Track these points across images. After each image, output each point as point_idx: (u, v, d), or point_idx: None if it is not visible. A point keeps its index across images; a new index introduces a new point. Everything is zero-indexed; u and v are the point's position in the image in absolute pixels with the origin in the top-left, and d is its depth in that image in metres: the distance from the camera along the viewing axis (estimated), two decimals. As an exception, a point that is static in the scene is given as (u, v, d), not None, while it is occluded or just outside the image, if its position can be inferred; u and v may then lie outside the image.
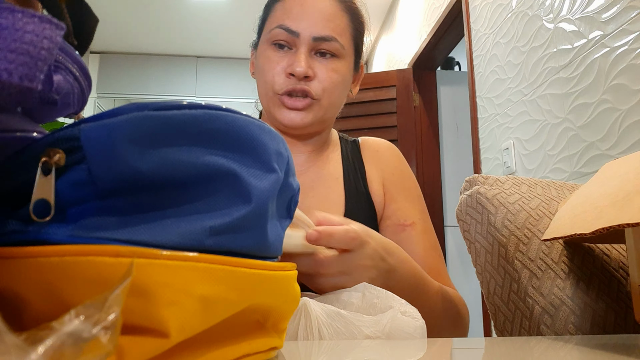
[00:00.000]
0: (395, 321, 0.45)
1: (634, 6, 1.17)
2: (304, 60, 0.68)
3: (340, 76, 0.71)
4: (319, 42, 0.69)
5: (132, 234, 0.20)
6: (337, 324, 0.43)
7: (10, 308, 0.19)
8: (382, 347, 0.39)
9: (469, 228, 0.71)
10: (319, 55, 0.70)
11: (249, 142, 0.24)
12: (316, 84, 0.69)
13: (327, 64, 0.70)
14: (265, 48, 0.71)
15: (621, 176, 0.52)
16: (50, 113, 0.22)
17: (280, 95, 0.69)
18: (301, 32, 0.68)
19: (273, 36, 0.70)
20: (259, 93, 0.74)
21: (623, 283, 0.61)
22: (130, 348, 0.19)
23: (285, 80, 0.69)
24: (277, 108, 0.70)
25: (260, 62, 0.72)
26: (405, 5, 3.32)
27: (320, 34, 0.69)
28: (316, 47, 0.69)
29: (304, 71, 0.67)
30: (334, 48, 0.70)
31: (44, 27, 0.18)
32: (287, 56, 0.70)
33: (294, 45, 0.70)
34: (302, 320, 0.42)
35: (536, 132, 1.61)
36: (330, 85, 0.70)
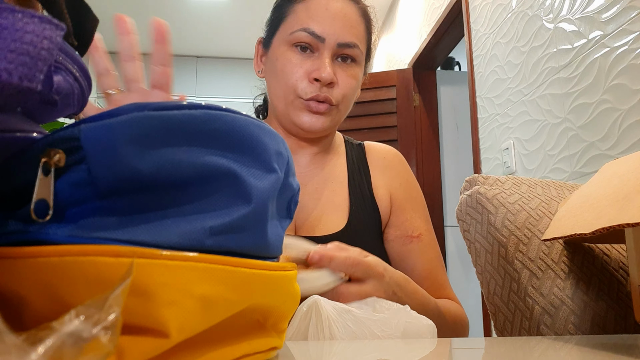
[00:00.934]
0: (405, 319, 0.45)
1: (634, 6, 1.17)
2: (330, 65, 0.68)
3: (356, 82, 0.72)
4: (342, 48, 0.69)
5: (132, 234, 0.20)
6: (348, 322, 0.43)
7: (10, 308, 0.19)
8: (382, 346, 0.39)
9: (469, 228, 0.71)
10: (340, 60, 0.70)
11: (249, 142, 0.24)
12: (337, 90, 0.69)
13: (347, 70, 0.70)
14: (286, 50, 0.70)
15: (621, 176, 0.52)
16: (50, 114, 0.22)
17: (306, 100, 0.69)
18: (327, 38, 0.68)
19: (296, 38, 0.69)
20: (274, 94, 0.73)
21: (623, 283, 0.61)
22: (130, 348, 0.19)
23: (308, 85, 0.68)
24: (299, 112, 0.70)
25: (280, 64, 0.71)
26: (405, 5, 3.32)
27: (345, 40, 0.69)
28: (339, 52, 0.69)
29: (330, 77, 0.67)
30: (355, 54, 0.70)
31: (44, 28, 0.18)
32: (309, 60, 0.69)
33: (317, 49, 0.69)
34: (313, 318, 0.42)
35: (536, 132, 1.61)
36: (350, 91, 0.71)
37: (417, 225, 0.73)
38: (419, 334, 0.45)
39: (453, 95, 2.92)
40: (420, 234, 0.73)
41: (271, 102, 0.76)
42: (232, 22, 3.97)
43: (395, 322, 0.44)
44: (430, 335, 0.45)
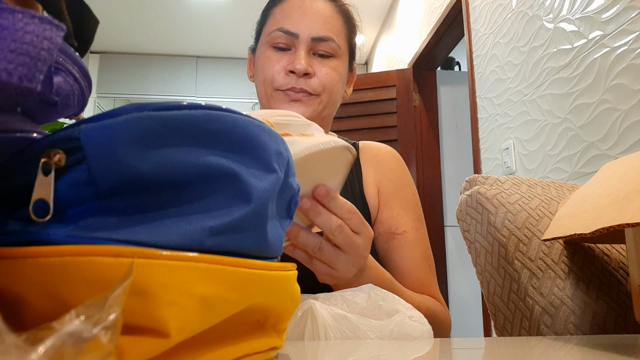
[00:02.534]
0: (402, 326, 0.44)
1: (634, 6, 1.17)
2: (304, 57, 0.70)
3: (338, 74, 0.74)
4: (317, 43, 0.72)
5: (132, 234, 0.20)
6: (344, 328, 0.43)
7: (11, 308, 0.19)
8: (382, 346, 0.39)
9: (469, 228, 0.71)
10: (318, 56, 0.73)
11: (249, 142, 0.24)
12: (315, 81, 0.71)
13: (324, 63, 0.73)
14: (265, 49, 0.74)
15: (621, 176, 0.52)
16: (50, 114, 0.22)
17: (283, 91, 0.71)
18: (300, 33, 0.71)
19: (272, 39, 0.73)
20: (258, 93, 0.76)
21: (623, 283, 0.61)
22: (131, 348, 0.19)
23: (285, 77, 0.71)
24: (279, 103, 0.72)
25: (260, 63, 0.74)
26: (405, 5, 3.32)
27: (318, 35, 0.71)
28: (314, 47, 0.72)
29: (304, 68, 0.69)
30: (331, 48, 0.73)
31: (44, 28, 0.18)
32: (286, 56, 0.72)
33: (293, 45, 0.72)
34: (309, 323, 0.42)
35: (536, 132, 1.61)
36: (330, 82, 0.72)
37: (403, 223, 0.73)
38: (416, 339, 0.45)
39: (453, 95, 2.92)
40: (405, 231, 0.72)
41: (260, 103, 0.79)
42: (232, 22, 3.97)
43: (391, 328, 0.44)
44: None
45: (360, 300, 0.49)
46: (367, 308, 0.48)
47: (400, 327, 0.44)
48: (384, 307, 0.48)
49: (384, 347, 0.39)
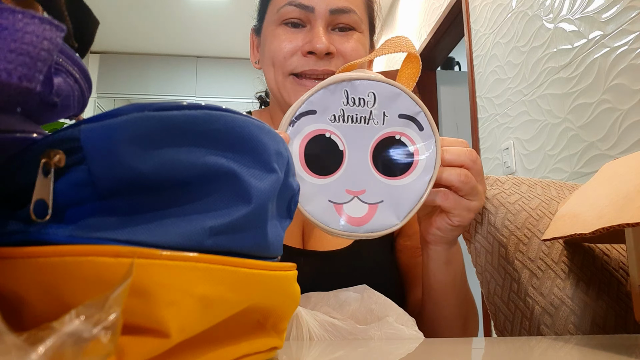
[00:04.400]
0: (388, 330, 0.44)
1: (634, 6, 1.17)
2: (324, 34, 0.59)
3: (364, 49, 0.64)
4: (336, 15, 0.61)
5: (132, 234, 0.20)
6: (330, 336, 0.43)
7: (10, 308, 0.19)
8: (382, 346, 0.39)
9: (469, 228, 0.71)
10: (338, 31, 0.62)
11: (249, 143, 0.24)
12: (339, 60, 0.61)
13: (348, 38, 0.62)
14: (274, 28, 0.62)
15: (621, 176, 0.52)
16: (50, 115, 0.22)
17: (298, 76, 0.61)
18: (316, 6, 0.60)
19: (283, 15, 0.61)
20: (268, 80, 0.65)
21: (623, 283, 0.61)
22: (131, 348, 0.19)
23: (301, 59, 0.60)
24: (293, 92, 0.61)
25: (268, 44, 0.63)
26: (405, 5, 3.32)
27: (337, 6, 0.61)
28: (334, 21, 0.61)
29: (326, 47, 0.59)
30: (352, 21, 0.62)
31: (44, 29, 0.18)
32: (301, 34, 0.61)
33: (309, 22, 0.61)
34: (293, 330, 0.42)
35: (536, 132, 1.61)
36: (356, 59, 0.60)
37: None
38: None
39: (453, 95, 2.91)
40: None
41: (270, 92, 0.68)
42: (232, 22, 3.97)
43: (378, 334, 0.44)
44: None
45: (352, 302, 0.49)
46: (358, 310, 0.48)
47: (386, 331, 0.44)
48: (376, 312, 0.48)
49: (386, 348, 0.39)
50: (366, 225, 0.46)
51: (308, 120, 0.47)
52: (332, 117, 0.47)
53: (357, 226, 0.46)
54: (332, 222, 0.46)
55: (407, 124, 0.48)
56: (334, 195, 0.46)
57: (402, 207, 0.46)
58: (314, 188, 0.46)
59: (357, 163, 0.47)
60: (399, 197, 0.46)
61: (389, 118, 0.47)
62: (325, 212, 0.46)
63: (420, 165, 0.47)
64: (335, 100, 0.47)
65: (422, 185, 0.47)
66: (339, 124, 0.47)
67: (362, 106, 0.47)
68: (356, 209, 0.46)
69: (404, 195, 0.46)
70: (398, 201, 0.46)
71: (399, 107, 0.48)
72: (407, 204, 0.46)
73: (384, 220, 0.46)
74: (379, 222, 0.46)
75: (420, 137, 0.48)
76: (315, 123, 0.47)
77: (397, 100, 0.48)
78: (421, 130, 0.48)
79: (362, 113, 0.47)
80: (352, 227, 0.46)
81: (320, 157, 0.47)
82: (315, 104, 0.47)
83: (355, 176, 0.47)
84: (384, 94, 0.47)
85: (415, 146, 0.47)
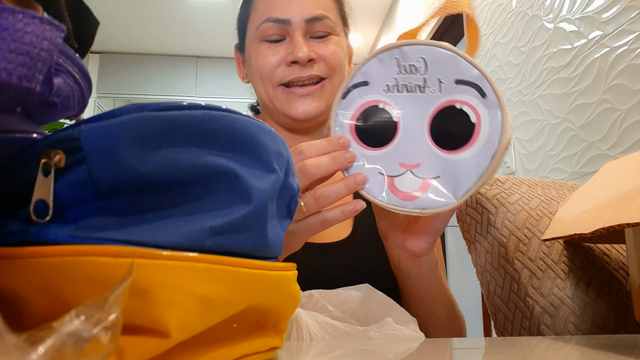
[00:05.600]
0: (388, 332, 0.44)
1: (634, 6, 1.17)
2: (304, 43, 0.63)
3: (342, 51, 0.67)
4: (312, 24, 0.65)
5: (132, 234, 0.20)
6: (330, 337, 0.43)
7: (10, 308, 0.19)
8: (383, 346, 0.39)
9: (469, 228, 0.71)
10: (316, 39, 0.66)
11: (249, 143, 0.24)
12: (321, 65, 0.65)
13: (326, 43, 0.66)
14: (256, 45, 0.67)
15: (621, 176, 0.52)
16: (50, 115, 0.22)
17: (287, 86, 0.65)
18: (292, 18, 0.64)
19: (262, 32, 0.65)
20: (258, 93, 0.70)
21: (623, 283, 0.61)
22: (131, 348, 0.19)
23: (286, 69, 0.64)
24: (285, 101, 0.65)
25: (253, 61, 0.68)
26: (405, 5, 3.32)
27: (311, 14, 0.64)
28: (311, 29, 0.65)
29: (307, 55, 0.62)
30: (328, 26, 0.66)
31: (44, 29, 0.18)
32: (282, 46, 0.65)
33: (287, 34, 0.65)
34: (294, 332, 0.42)
35: (536, 132, 1.61)
36: (337, 61, 0.66)
37: None
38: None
39: (453, 95, 2.91)
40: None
41: (261, 103, 0.72)
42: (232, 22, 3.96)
43: (378, 335, 0.43)
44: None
45: (354, 300, 0.49)
46: (360, 309, 0.48)
47: (386, 332, 0.44)
48: (377, 311, 0.48)
49: (386, 348, 0.39)
50: (416, 200, 0.42)
51: (361, 92, 0.45)
52: (386, 87, 0.45)
53: (406, 200, 0.42)
54: (378, 194, 0.43)
55: (467, 90, 0.43)
56: (386, 168, 0.44)
57: (460, 184, 0.42)
58: (365, 159, 0.44)
59: (413, 135, 0.44)
60: (458, 172, 0.42)
61: (445, 85, 0.44)
62: (374, 183, 0.43)
63: (483, 137, 0.42)
64: (387, 69, 0.45)
65: (485, 161, 0.41)
66: (393, 94, 0.44)
67: (414, 74, 0.44)
68: (408, 183, 0.43)
69: (463, 171, 0.42)
70: (456, 177, 0.42)
71: (455, 72, 0.44)
72: (466, 181, 0.42)
73: (438, 197, 0.42)
74: (432, 199, 0.42)
75: (483, 104, 0.42)
76: (368, 94, 0.45)
77: (452, 64, 0.44)
78: (484, 97, 0.43)
79: (415, 81, 0.44)
80: (399, 201, 0.42)
81: (373, 129, 0.44)
82: (367, 74, 0.45)
83: (410, 149, 0.43)
84: (435, 58, 0.44)
85: (478, 116, 0.42)
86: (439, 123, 0.43)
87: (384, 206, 0.43)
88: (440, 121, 0.43)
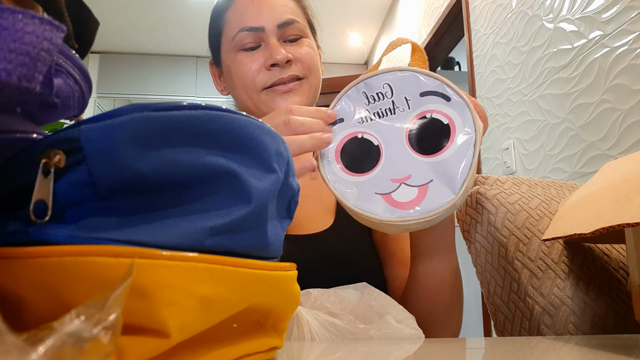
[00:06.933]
0: (388, 330, 0.44)
1: (634, 6, 1.17)
2: (279, 46, 0.67)
3: (315, 53, 0.72)
4: (284, 29, 0.69)
5: (132, 234, 0.20)
6: (331, 335, 0.43)
7: (10, 308, 0.19)
8: (383, 346, 0.39)
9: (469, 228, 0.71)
10: (289, 42, 0.70)
11: (249, 142, 0.24)
12: (298, 65, 0.69)
13: (300, 45, 0.70)
14: (234, 56, 0.70)
15: (621, 176, 0.52)
16: (50, 116, 0.22)
17: (269, 88, 0.68)
18: (265, 25, 0.68)
19: (238, 42, 0.69)
20: (241, 101, 0.72)
21: (623, 283, 0.61)
22: (131, 348, 0.19)
23: (267, 74, 0.67)
24: (270, 101, 0.68)
25: (233, 71, 0.70)
26: (405, 5, 3.32)
27: (282, 20, 0.69)
28: (284, 33, 0.69)
29: (285, 56, 0.66)
30: (299, 29, 0.70)
31: (44, 29, 0.18)
32: (260, 53, 0.69)
33: (262, 41, 0.69)
34: (295, 330, 0.42)
35: (536, 132, 1.61)
36: (311, 61, 0.70)
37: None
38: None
39: (453, 95, 2.90)
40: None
41: (245, 112, 0.75)
42: (232, 22, 3.96)
43: (378, 334, 0.44)
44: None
45: (352, 298, 0.49)
46: (358, 306, 0.48)
47: (386, 331, 0.44)
48: (375, 308, 0.48)
49: (387, 348, 0.39)
50: (419, 206, 0.44)
51: (339, 128, 0.49)
52: (360, 120, 0.49)
53: (409, 209, 0.44)
54: (383, 213, 0.45)
55: (432, 99, 0.47)
56: (380, 187, 0.46)
57: (455, 178, 0.44)
58: (358, 186, 0.46)
59: (396, 152, 0.47)
60: (449, 169, 0.45)
61: (412, 101, 0.48)
62: (373, 205, 0.45)
63: (459, 133, 0.46)
64: (357, 104, 0.49)
65: (468, 151, 0.45)
66: (368, 123, 0.48)
67: (382, 100, 0.49)
68: (405, 194, 0.45)
69: (452, 166, 0.45)
70: (449, 174, 0.45)
71: (417, 87, 0.48)
72: (459, 173, 0.44)
73: (439, 196, 0.44)
74: (434, 199, 0.44)
75: (450, 107, 0.47)
76: (346, 129, 0.49)
77: (413, 82, 0.48)
78: (449, 100, 0.47)
79: (385, 106, 0.48)
80: (404, 212, 0.44)
81: (358, 157, 0.48)
82: (341, 112, 0.50)
83: (397, 164, 0.46)
84: (397, 80, 0.48)
85: (449, 117, 0.46)
86: (416, 135, 0.47)
87: (391, 222, 0.45)
88: (417, 133, 0.47)
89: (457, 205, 0.45)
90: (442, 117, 0.46)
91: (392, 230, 0.46)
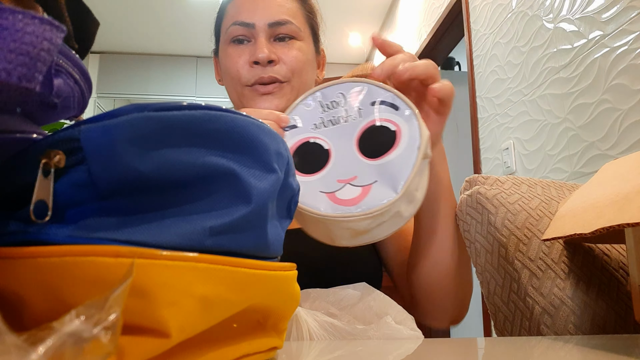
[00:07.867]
0: (387, 331, 0.44)
1: (634, 6, 1.17)
2: (266, 46, 0.69)
3: (304, 55, 0.72)
4: (275, 28, 0.70)
5: (132, 234, 0.20)
6: (330, 336, 0.43)
7: (11, 308, 0.19)
8: (382, 346, 0.39)
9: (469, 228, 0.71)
10: (279, 41, 0.71)
11: (249, 143, 0.24)
12: (282, 67, 0.69)
13: (289, 46, 0.71)
14: (226, 47, 0.72)
15: (621, 176, 0.52)
16: (50, 116, 0.22)
17: (251, 86, 0.69)
18: (256, 22, 0.69)
19: (230, 34, 0.71)
20: (230, 94, 0.74)
21: (623, 283, 0.61)
22: (131, 348, 0.19)
23: (249, 71, 0.69)
24: (251, 101, 0.70)
25: (223, 63, 0.73)
26: (405, 5, 3.32)
27: (274, 19, 0.70)
28: (273, 33, 0.70)
29: (267, 55, 0.67)
30: (291, 30, 0.71)
31: (44, 29, 0.18)
32: (247, 48, 0.70)
33: (252, 37, 0.70)
34: (294, 331, 0.42)
35: (536, 132, 1.61)
36: (298, 65, 0.70)
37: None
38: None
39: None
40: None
41: (232, 103, 0.76)
42: (232, 22, 3.96)
43: (377, 335, 0.44)
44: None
45: (351, 298, 0.49)
46: (357, 307, 0.48)
47: (385, 332, 0.44)
48: (374, 308, 0.48)
49: (387, 348, 0.39)
50: (361, 203, 0.46)
51: (292, 134, 0.52)
52: (314, 126, 0.52)
53: (351, 205, 0.46)
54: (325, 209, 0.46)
55: (382, 108, 0.50)
56: (325, 186, 0.48)
57: (397, 179, 0.46)
58: (305, 185, 0.48)
59: (344, 156, 0.49)
60: (392, 171, 0.47)
61: (364, 110, 0.50)
62: (316, 201, 0.47)
63: (405, 138, 0.48)
64: (312, 111, 0.52)
65: (412, 154, 0.47)
66: (321, 129, 0.51)
67: (336, 108, 0.52)
68: (349, 193, 0.47)
69: (396, 168, 0.47)
70: (392, 175, 0.47)
71: (369, 97, 0.51)
72: (401, 175, 0.47)
73: (380, 195, 0.46)
74: (375, 198, 0.46)
75: (398, 115, 0.49)
76: (299, 135, 0.52)
77: (364, 92, 0.51)
78: (397, 109, 0.50)
79: (338, 114, 0.51)
80: (345, 208, 0.46)
81: (307, 159, 0.50)
82: (297, 120, 0.52)
83: (344, 167, 0.49)
84: (350, 90, 0.51)
85: (396, 125, 0.49)
86: (365, 141, 0.50)
87: (331, 217, 0.46)
88: (366, 139, 0.50)
89: (400, 205, 0.46)
90: (391, 125, 0.49)
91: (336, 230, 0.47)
